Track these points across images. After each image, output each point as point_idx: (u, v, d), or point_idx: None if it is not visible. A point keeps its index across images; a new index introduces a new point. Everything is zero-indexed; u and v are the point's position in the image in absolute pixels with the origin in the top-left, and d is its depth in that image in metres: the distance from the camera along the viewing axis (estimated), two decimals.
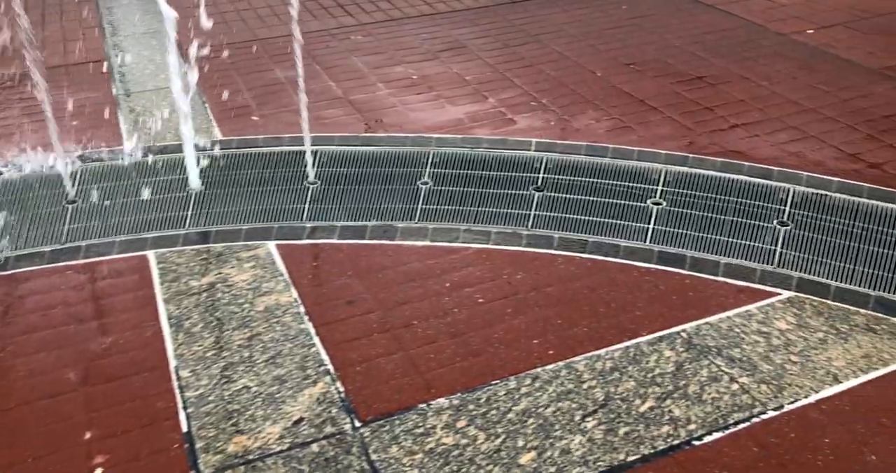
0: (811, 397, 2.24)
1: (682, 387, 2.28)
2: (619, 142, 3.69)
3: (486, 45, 4.95)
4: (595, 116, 3.98)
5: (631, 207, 3.23)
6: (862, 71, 4.42)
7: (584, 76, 4.47)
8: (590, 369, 2.35)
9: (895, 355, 2.39)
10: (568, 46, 4.91)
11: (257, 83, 4.46)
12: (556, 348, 2.45)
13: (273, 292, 2.71)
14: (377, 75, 4.53)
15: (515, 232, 3.09)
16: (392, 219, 3.19)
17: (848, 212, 3.11)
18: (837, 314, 2.59)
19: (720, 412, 2.19)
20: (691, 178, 3.38)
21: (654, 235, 3.07)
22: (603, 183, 3.39)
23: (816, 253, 2.91)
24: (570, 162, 3.54)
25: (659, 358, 2.40)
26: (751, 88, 4.24)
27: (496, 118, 3.99)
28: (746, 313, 2.59)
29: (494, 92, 4.29)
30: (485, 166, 3.53)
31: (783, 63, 4.56)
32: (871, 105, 4.01)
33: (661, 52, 4.77)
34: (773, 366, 2.36)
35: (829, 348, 2.43)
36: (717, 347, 2.44)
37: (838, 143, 3.64)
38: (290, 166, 3.54)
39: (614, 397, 2.25)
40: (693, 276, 2.80)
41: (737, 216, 3.14)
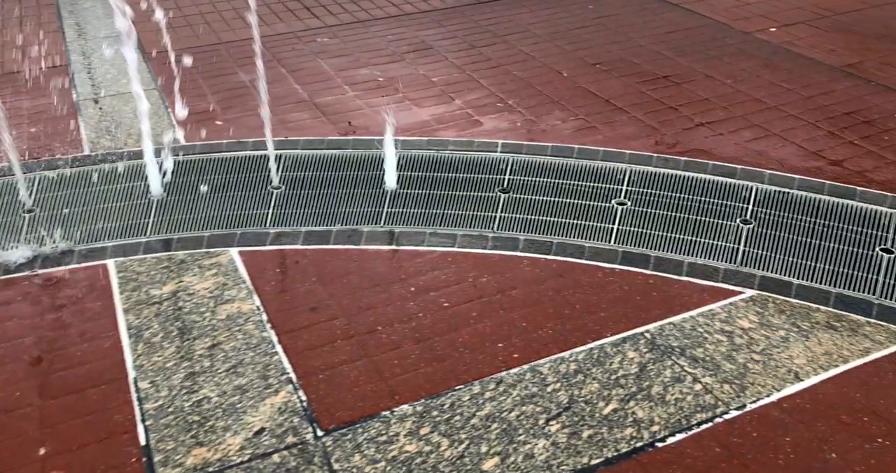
0: (773, 396, 2.25)
1: (646, 388, 2.28)
2: (584, 143, 3.70)
3: (453, 46, 4.94)
4: (561, 117, 3.99)
5: (596, 208, 3.24)
6: (824, 68, 4.47)
7: (551, 76, 4.48)
8: (554, 372, 2.35)
9: (854, 352, 2.41)
10: (534, 47, 4.91)
11: (222, 87, 4.40)
12: (520, 351, 2.44)
13: (235, 300, 2.67)
14: (343, 77, 4.49)
15: (481, 234, 3.08)
16: (357, 223, 3.16)
17: (809, 210, 3.14)
18: (799, 312, 2.61)
19: (683, 413, 2.20)
20: (656, 178, 3.39)
21: (618, 235, 3.07)
22: (568, 183, 3.40)
23: (779, 251, 2.94)
24: (536, 163, 3.54)
25: (623, 359, 2.40)
26: (715, 87, 4.27)
27: (462, 120, 3.98)
28: (710, 312, 2.61)
29: (461, 93, 4.28)
30: (451, 168, 3.52)
31: (747, 61, 4.60)
32: (832, 102, 4.05)
33: (627, 51, 4.79)
34: (735, 366, 2.37)
35: (791, 346, 2.45)
36: (681, 347, 2.45)
37: (800, 141, 3.68)
38: (254, 171, 3.50)
39: (578, 400, 2.24)
40: (657, 276, 2.81)
41: (701, 215, 3.16)
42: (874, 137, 3.69)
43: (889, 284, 2.73)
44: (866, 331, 2.51)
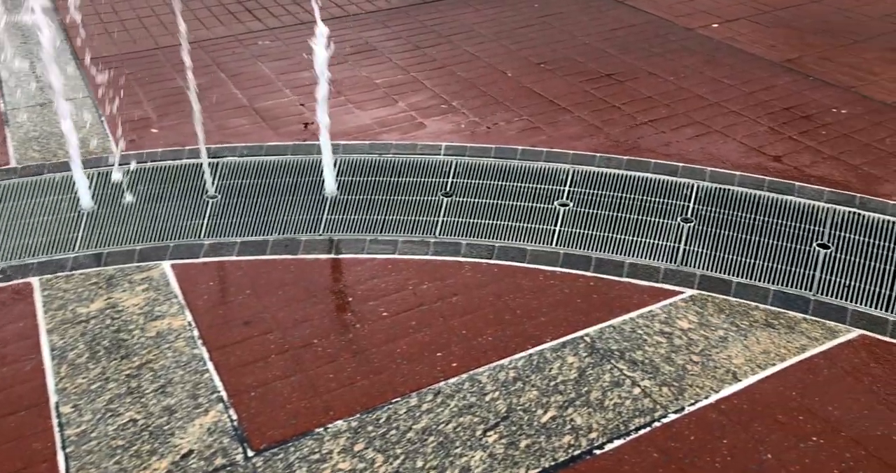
0: (711, 397, 2.25)
1: (585, 394, 2.26)
2: (528, 144, 3.67)
3: (397, 47, 4.88)
4: (505, 117, 3.95)
5: (538, 209, 3.21)
6: (764, 64, 4.51)
7: (495, 77, 4.44)
8: (493, 380, 2.31)
9: (791, 350, 2.42)
10: (479, 47, 4.87)
11: (158, 93, 4.28)
12: (459, 360, 2.39)
13: (166, 316, 2.58)
14: (284, 81, 4.40)
15: (423, 240, 3.03)
16: (295, 231, 3.08)
17: (749, 206, 3.15)
18: (738, 310, 2.61)
19: (622, 418, 2.17)
20: (598, 178, 3.38)
21: (560, 237, 3.05)
22: (511, 185, 3.37)
23: (719, 248, 2.94)
24: (480, 165, 3.50)
25: (562, 364, 2.37)
26: (658, 84, 4.28)
27: (406, 122, 3.92)
28: (649, 313, 2.59)
29: (405, 95, 4.23)
30: (393, 172, 3.46)
31: (690, 58, 4.62)
32: (772, 98, 4.09)
33: (571, 50, 4.78)
34: (674, 368, 2.36)
35: (730, 346, 2.45)
36: (620, 350, 2.43)
37: (741, 137, 3.70)
38: (189, 180, 3.40)
39: (516, 408, 2.21)
40: (598, 278, 2.79)
41: (642, 214, 3.15)
42: (812, 132, 3.73)
43: (825, 280, 2.75)
44: (803, 328, 2.52)
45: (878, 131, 3.72)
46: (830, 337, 2.48)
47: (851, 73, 4.36)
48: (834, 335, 2.49)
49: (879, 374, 2.32)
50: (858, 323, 2.54)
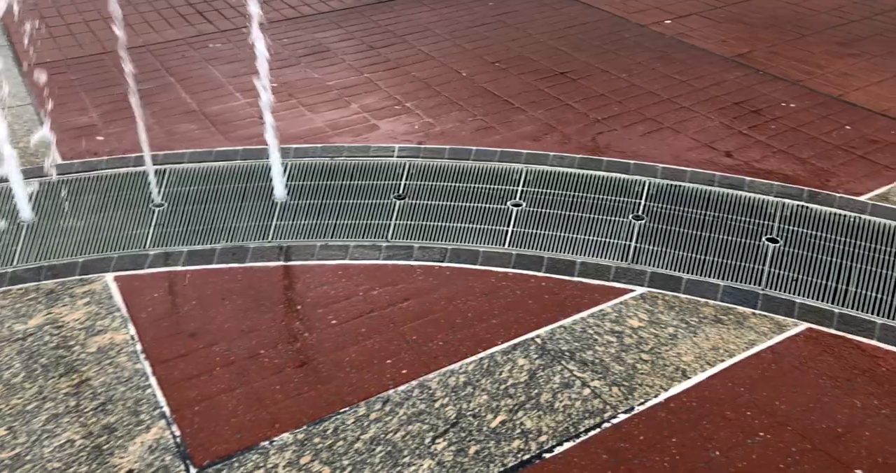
0: (661, 396, 2.25)
1: (535, 397, 2.24)
2: (482, 144, 3.65)
3: (351, 48, 4.83)
4: (459, 118, 3.93)
5: (492, 210, 3.19)
6: (716, 59, 4.55)
7: (450, 76, 4.42)
8: (443, 386, 2.28)
9: (740, 345, 2.43)
10: (434, 46, 4.84)
11: (104, 100, 4.18)
12: (409, 367, 2.36)
13: (108, 330, 2.51)
14: (235, 85, 4.33)
15: (374, 244, 2.99)
16: (243, 239, 3.03)
17: (700, 202, 3.17)
18: (688, 307, 2.62)
19: (571, 420, 2.16)
20: (551, 177, 3.37)
21: (513, 238, 3.03)
22: (465, 186, 3.34)
23: (669, 245, 2.95)
24: (433, 166, 3.47)
25: (513, 367, 2.35)
26: (611, 82, 4.29)
27: (359, 124, 3.87)
28: (600, 313, 2.59)
29: (358, 97, 4.18)
30: (345, 176, 3.42)
31: (642, 54, 4.64)
32: (723, 93, 4.12)
33: (526, 48, 4.78)
34: (624, 367, 2.35)
35: (679, 343, 2.45)
36: (571, 351, 2.42)
37: (692, 133, 3.72)
38: (134, 188, 3.32)
39: (466, 414, 2.19)
40: (550, 278, 2.78)
41: (594, 213, 3.15)
42: (762, 127, 3.76)
43: (774, 274, 2.77)
44: (752, 323, 2.53)
45: (825, 124, 3.76)
46: (778, 331, 2.49)
47: (799, 66, 4.42)
48: (782, 329, 2.50)
49: (825, 367, 2.34)
50: (805, 316, 2.57)
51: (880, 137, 3.63)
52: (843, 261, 2.81)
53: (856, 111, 3.89)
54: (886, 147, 3.54)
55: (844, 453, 2.04)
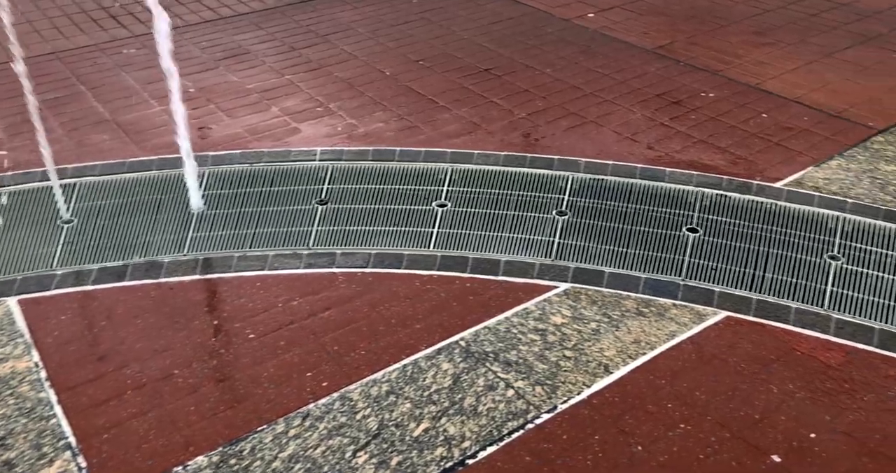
0: (584, 393, 2.24)
1: (459, 402, 2.21)
2: (406, 144, 3.61)
3: (272, 50, 4.71)
4: (383, 118, 3.87)
5: (416, 212, 3.14)
6: (637, 51, 4.59)
7: (373, 76, 4.35)
8: (365, 396, 2.23)
9: (661, 337, 2.45)
10: (357, 46, 4.77)
11: (9, 111, 3.98)
12: (330, 378, 2.30)
13: (9, 358, 2.38)
14: (150, 92, 4.17)
15: (295, 252, 2.92)
16: (158, 253, 2.91)
17: (622, 195, 3.18)
18: (610, 301, 2.62)
19: (495, 423, 2.14)
20: (476, 175, 3.34)
21: (438, 239, 2.99)
22: (389, 188, 3.29)
23: (592, 240, 2.95)
24: (357, 169, 3.41)
25: (437, 372, 2.32)
26: (535, 77, 4.29)
27: (279, 128, 3.78)
28: (524, 311, 2.57)
29: (279, 100, 4.08)
30: (265, 182, 3.33)
31: (566, 49, 4.65)
32: (645, 85, 4.16)
33: (450, 45, 4.74)
34: (548, 365, 2.34)
35: (602, 338, 2.45)
36: (495, 352, 2.39)
37: (615, 126, 3.74)
38: (40, 205, 3.16)
39: (388, 424, 2.14)
40: (475, 279, 2.76)
41: (518, 210, 3.13)
42: (682, 117, 3.81)
43: (694, 263, 2.80)
44: (672, 315, 2.55)
45: (742, 113, 3.83)
46: (698, 321, 2.52)
47: (718, 56, 4.49)
48: (702, 319, 2.53)
49: (743, 354, 2.37)
50: (724, 304, 2.60)
51: (794, 124, 3.72)
52: (760, 248, 2.85)
53: (772, 99, 3.98)
54: (800, 133, 3.63)
55: (761, 439, 2.06)
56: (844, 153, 3.46)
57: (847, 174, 3.28)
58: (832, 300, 2.61)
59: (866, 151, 3.47)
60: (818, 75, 4.24)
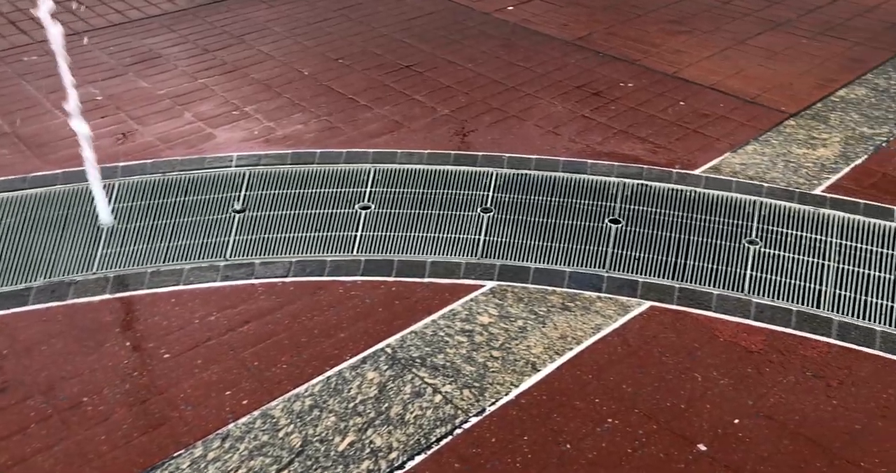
0: (512, 393, 2.21)
1: (385, 411, 2.15)
2: (327, 146, 3.52)
3: (184, 53, 4.54)
4: (303, 120, 3.77)
5: (339, 215, 3.06)
6: (557, 43, 4.60)
7: (291, 76, 4.24)
8: (287, 413, 2.15)
9: (587, 331, 2.44)
10: (274, 46, 4.64)
11: None
12: (251, 396, 2.21)
13: None
14: (53, 101, 3.96)
15: (212, 265, 2.80)
16: (65, 273, 2.76)
17: (546, 189, 3.17)
18: (536, 297, 2.60)
19: (423, 431, 2.09)
20: (400, 175, 3.28)
21: (362, 243, 2.92)
22: (310, 192, 3.20)
23: (517, 235, 2.93)
24: (275, 174, 3.30)
25: (362, 382, 2.25)
26: (457, 72, 4.25)
27: (193, 135, 3.64)
28: (451, 313, 2.53)
29: (192, 105, 3.93)
30: (179, 192, 3.19)
31: (487, 43, 4.63)
32: (565, 77, 4.17)
33: (370, 42, 4.66)
34: (475, 367, 2.30)
35: (529, 335, 2.43)
36: (422, 357, 2.34)
37: (537, 120, 3.73)
38: None
39: (313, 440, 2.07)
40: (400, 282, 2.70)
41: (443, 209, 3.09)
42: (602, 108, 3.82)
43: (617, 255, 2.81)
44: (598, 307, 2.55)
45: (661, 102, 3.87)
46: (623, 312, 2.52)
47: (636, 46, 4.54)
48: (626, 310, 2.53)
49: (668, 344, 2.38)
50: (648, 294, 2.61)
51: (711, 111, 3.78)
52: (681, 236, 2.88)
53: (689, 87, 4.03)
54: (717, 120, 3.69)
55: (688, 428, 2.07)
56: (759, 138, 3.53)
57: (762, 158, 3.35)
58: (752, 284, 2.65)
59: (780, 135, 3.55)
60: (732, 62, 4.33)
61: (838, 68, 4.24)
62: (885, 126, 3.62)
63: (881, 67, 4.25)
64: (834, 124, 3.64)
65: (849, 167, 3.28)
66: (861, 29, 4.78)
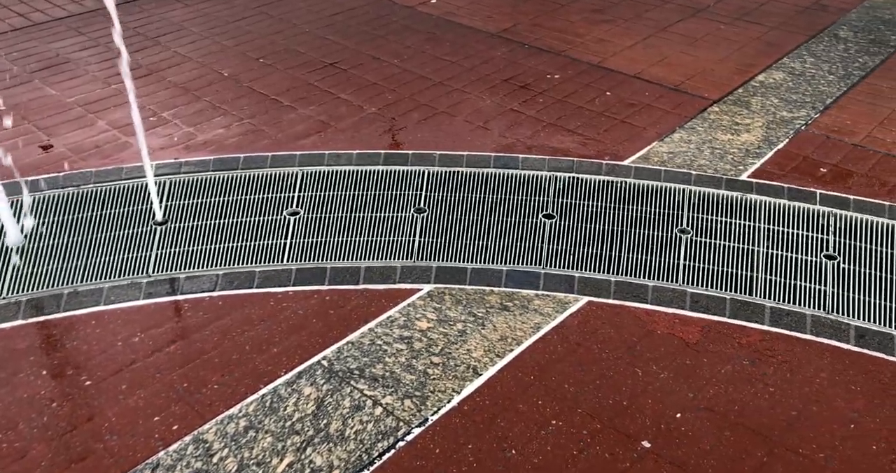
0: (454, 400, 2.17)
1: (325, 428, 2.08)
2: (251, 150, 3.39)
3: (95, 57, 4.32)
4: (224, 123, 3.62)
5: (266, 223, 2.95)
6: (482, 36, 4.56)
7: (211, 78, 4.07)
8: (221, 436, 2.05)
9: (527, 331, 2.41)
10: (191, 46, 4.45)
11: None
12: (181, 420, 2.10)
13: None
14: None
15: (133, 282, 2.66)
16: None
17: (478, 185, 3.13)
18: (474, 298, 2.56)
19: (364, 446, 2.02)
20: (329, 177, 3.19)
21: (292, 251, 2.82)
22: (235, 199, 3.07)
23: (453, 235, 2.88)
24: (197, 181, 3.16)
25: (298, 399, 2.17)
26: (382, 69, 4.16)
27: (108, 144, 3.45)
28: (388, 320, 2.46)
29: (105, 112, 3.73)
30: (95, 205, 3.02)
31: (412, 37, 4.55)
32: (492, 71, 4.13)
33: (292, 40, 4.52)
34: (416, 375, 2.25)
35: (469, 339, 2.38)
36: (360, 368, 2.27)
37: (466, 115, 3.68)
38: None
39: (249, 463, 1.98)
40: (334, 291, 2.62)
41: (376, 211, 3.01)
42: (531, 101, 3.81)
43: (552, 250, 2.79)
44: (536, 306, 2.52)
45: (588, 92, 3.88)
46: (561, 309, 2.51)
47: (561, 37, 4.54)
48: (564, 307, 2.52)
49: (607, 340, 2.37)
50: (585, 290, 2.60)
51: (637, 100, 3.80)
52: (614, 228, 2.89)
53: (614, 76, 4.06)
54: (643, 109, 3.72)
55: (631, 426, 2.07)
56: (685, 125, 3.57)
57: (689, 146, 3.39)
58: (686, 274, 2.67)
59: (704, 122, 3.60)
60: (655, 50, 4.38)
61: (756, 53, 4.34)
62: (803, 109, 3.71)
63: (796, 51, 4.37)
64: (756, 109, 3.71)
65: (772, 151, 3.35)
66: (775, 13, 4.91)
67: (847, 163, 3.28)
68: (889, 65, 4.20)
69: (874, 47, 4.41)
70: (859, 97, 3.84)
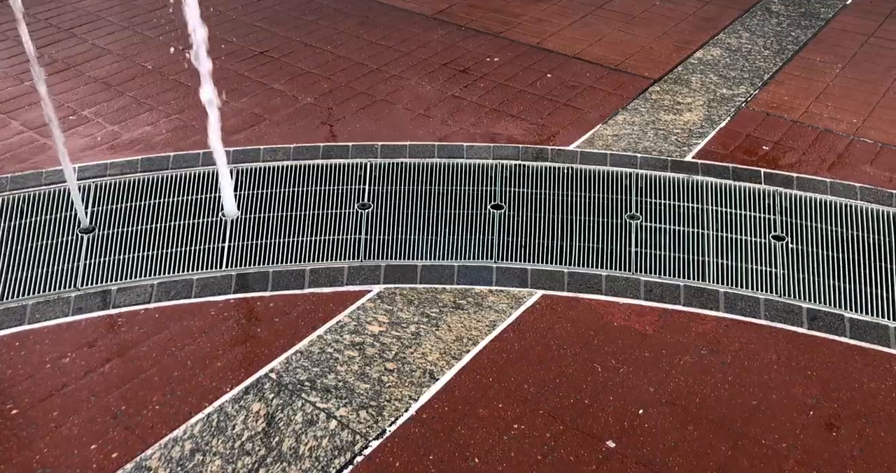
0: (412, 408, 2.08)
1: (277, 446, 1.97)
2: (181, 148, 3.21)
3: (3, 52, 4.02)
4: (151, 120, 3.42)
5: (201, 225, 2.80)
6: (417, 19, 4.43)
7: (134, 72, 3.84)
8: (166, 461, 1.93)
9: (482, 330, 2.34)
10: (110, 38, 4.19)
11: None
12: (121, 447, 1.96)
13: None
14: None
15: (60, 297, 2.48)
16: None
17: (423, 177, 3.03)
18: (427, 298, 2.48)
19: (320, 463, 1.93)
20: (265, 174, 3.04)
21: (231, 255, 2.68)
22: (168, 202, 2.90)
23: (400, 231, 2.78)
24: (124, 184, 2.97)
25: (247, 416, 2.05)
26: (316, 56, 4.00)
27: (24, 147, 3.22)
28: (338, 325, 2.36)
29: (20, 112, 3.48)
30: (13, 214, 2.81)
31: (344, 22, 4.39)
32: (430, 55, 4.01)
33: (218, 28, 4.30)
34: (370, 384, 2.16)
35: (423, 341, 2.30)
36: (311, 379, 2.17)
37: (406, 103, 3.57)
38: None
39: None
40: (278, 296, 2.49)
41: (318, 208, 2.89)
42: (471, 86, 3.71)
43: (503, 242, 2.72)
44: (490, 302, 2.46)
45: (528, 75, 3.81)
46: (516, 305, 2.44)
47: (498, 17, 4.44)
48: (519, 302, 2.46)
49: (564, 335, 2.33)
50: (539, 283, 2.54)
51: (578, 82, 3.75)
52: (564, 216, 2.83)
53: (554, 58, 3.99)
54: (585, 91, 3.67)
55: (594, 425, 2.02)
56: (628, 106, 3.54)
57: (633, 128, 3.36)
58: (638, 262, 2.64)
59: (646, 103, 3.57)
60: (594, 29, 4.33)
61: (693, 29, 4.34)
62: (741, 86, 3.73)
63: (731, 26, 4.38)
64: (696, 87, 3.71)
65: (714, 130, 3.35)
66: None
67: (788, 140, 3.30)
68: (821, 38, 4.25)
69: (805, 20, 4.46)
70: (795, 72, 3.88)
